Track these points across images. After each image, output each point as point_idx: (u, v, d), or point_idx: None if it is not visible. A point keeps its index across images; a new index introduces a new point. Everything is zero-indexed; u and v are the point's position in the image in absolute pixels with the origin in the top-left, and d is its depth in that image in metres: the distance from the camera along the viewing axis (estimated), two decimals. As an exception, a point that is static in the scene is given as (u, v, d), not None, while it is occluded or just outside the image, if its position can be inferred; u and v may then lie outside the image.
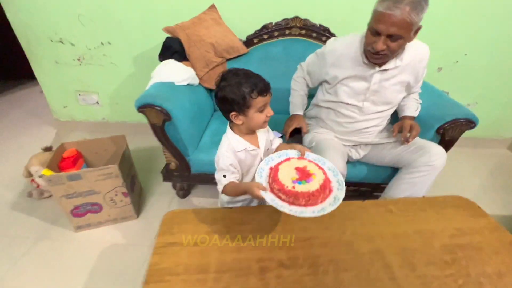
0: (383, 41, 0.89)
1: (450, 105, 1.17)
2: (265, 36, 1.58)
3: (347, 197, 0.73)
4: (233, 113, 0.78)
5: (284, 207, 0.65)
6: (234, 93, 0.74)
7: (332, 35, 1.53)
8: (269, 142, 0.92)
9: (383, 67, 1.01)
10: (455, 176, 1.71)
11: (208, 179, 1.31)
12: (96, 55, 1.80)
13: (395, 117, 1.20)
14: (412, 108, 1.15)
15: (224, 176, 0.81)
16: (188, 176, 1.34)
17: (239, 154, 0.83)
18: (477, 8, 1.52)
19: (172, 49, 1.38)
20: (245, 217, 0.86)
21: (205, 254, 0.74)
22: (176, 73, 1.28)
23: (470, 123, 1.07)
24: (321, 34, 1.53)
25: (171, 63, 1.31)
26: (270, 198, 0.67)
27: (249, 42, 1.59)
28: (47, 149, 1.42)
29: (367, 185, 1.30)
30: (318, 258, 0.74)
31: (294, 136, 1.27)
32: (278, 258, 0.73)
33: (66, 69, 1.86)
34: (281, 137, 1.14)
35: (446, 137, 1.11)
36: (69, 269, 1.11)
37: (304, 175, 0.72)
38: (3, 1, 1.62)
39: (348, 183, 1.02)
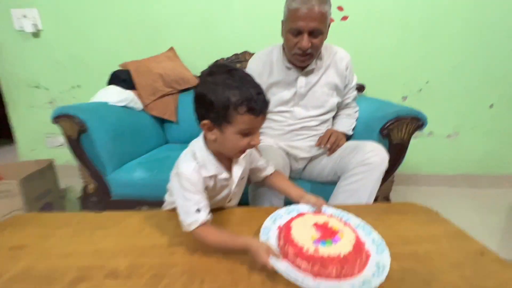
0: (307, 39, 0.87)
1: (395, 106, 1.03)
2: (218, 70, 1.63)
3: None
4: (205, 121, 0.56)
5: (308, 282, 0.43)
6: (215, 95, 0.53)
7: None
8: (247, 170, 0.71)
9: (306, 69, 0.99)
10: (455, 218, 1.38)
11: (132, 205, 1.12)
12: (66, 98, 1.89)
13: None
14: (344, 124, 1.08)
15: (198, 210, 0.55)
16: (108, 202, 1.15)
17: (207, 180, 0.60)
18: (433, 35, 1.55)
19: (119, 78, 1.42)
20: (109, 221, 0.65)
21: (15, 259, 0.52)
22: (112, 95, 1.28)
23: (416, 120, 0.91)
24: (270, 65, 1.56)
25: (110, 88, 1.33)
26: (284, 268, 0.46)
27: (203, 76, 1.64)
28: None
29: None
30: (172, 268, 0.50)
31: None
32: (113, 266, 0.50)
33: (39, 113, 1.94)
34: None
35: (394, 140, 0.93)
36: None
37: (327, 233, 0.52)
38: (-5, 54, 1.85)
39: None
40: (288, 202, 0.74)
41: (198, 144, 0.62)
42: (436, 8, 1.51)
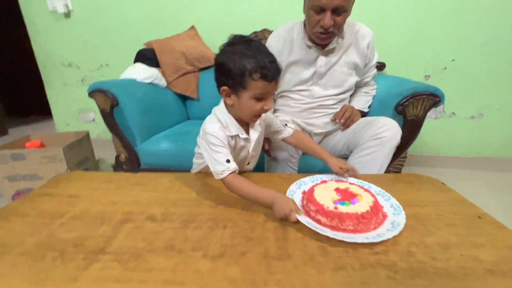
0: (330, 17, 0.85)
1: (411, 83, 1.03)
2: (237, 49, 1.66)
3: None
4: (224, 87, 0.63)
5: (326, 231, 0.50)
6: (233, 63, 0.59)
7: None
8: (263, 134, 0.78)
9: (326, 48, 0.98)
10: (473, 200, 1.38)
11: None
12: (96, 76, 2.02)
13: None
14: (360, 101, 1.08)
15: (228, 160, 0.62)
16: (137, 170, 1.27)
17: (229, 139, 0.68)
18: (460, 10, 1.47)
19: (145, 56, 1.50)
20: (144, 179, 0.76)
21: (73, 204, 0.64)
22: (139, 72, 1.37)
23: (433, 96, 0.91)
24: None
25: (137, 65, 1.41)
26: (305, 221, 0.52)
27: (222, 55, 1.68)
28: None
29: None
30: (199, 215, 0.59)
31: None
32: (151, 212, 0.60)
33: (72, 90, 2.10)
34: None
35: (408, 116, 0.95)
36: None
37: (346, 195, 0.58)
38: (32, 35, 1.99)
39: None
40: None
41: (220, 109, 0.69)
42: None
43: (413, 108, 0.93)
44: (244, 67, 0.58)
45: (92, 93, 1.16)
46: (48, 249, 0.49)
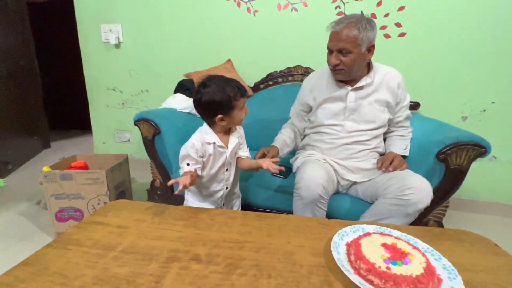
0: (335, 56, 1.00)
1: (454, 130, 1.01)
2: (270, 82, 1.74)
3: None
4: (219, 116, 0.84)
5: None
6: (219, 96, 0.81)
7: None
8: (238, 146, 0.97)
9: (356, 86, 1.06)
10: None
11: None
12: (135, 100, 2.18)
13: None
14: (398, 146, 1.09)
15: (188, 164, 0.86)
16: (170, 197, 1.32)
17: (209, 146, 0.88)
18: (499, 52, 1.46)
19: (184, 86, 1.61)
20: (186, 214, 0.79)
21: (122, 236, 0.67)
22: (179, 102, 1.46)
23: (479, 147, 0.89)
24: (322, 79, 1.62)
25: (177, 96, 1.51)
26: (358, 282, 0.51)
27: (256, 87, 1.76)
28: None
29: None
30: (242, 260, 0.59)
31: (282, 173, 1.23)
32: (196, 252, 0.62)
33: (112, 111, 2.27)
34: None
35: (451, 165, 0.92)
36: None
37: (397, 254, 0.56)
38: (85, 61, 2.21)
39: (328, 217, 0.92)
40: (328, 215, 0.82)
41: (204, 126, 0.91)
42: (505, 23, 1.41)
43: (456, 157, 0.91)
44: (229, 96, 0.81)
45: (137, 122, 1.25)
46: (105, 284, 0.51)
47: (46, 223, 1.40)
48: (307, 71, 1.65)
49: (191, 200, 0.99)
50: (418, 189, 0.85)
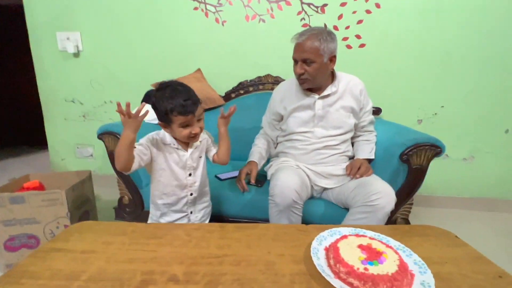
0: (300, 66, 1.05)
1: (413, 133, 1.10)
2: (241, 91, 1.75)
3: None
4: (160, 122, 0.85)
5: None
6: (159, 105, 0.80)
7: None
8: (203, 149, 0.96)
9: (322, 94, 1.12)
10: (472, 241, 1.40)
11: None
12: (98, 112, 2.04)
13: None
14: (365, 151, 1.15)
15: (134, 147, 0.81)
16: (140, 214, 1.24)
17: (166, 147, 0.87)
18: (447, 61, 1.63)
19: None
20: (159, 231, 0.74)
21: (88, 262, 0.61)
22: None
23: (435, 147, 0.97)
24: (291, 87, 1.67)
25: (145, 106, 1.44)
26: (339, 286, 0.52)
27: (227, 96, 1.76)
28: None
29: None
30: (223, 275, 0.57)
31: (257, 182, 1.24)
32: (172, 272, 0.58)
33: (72, 125, 2.09)
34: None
35: (413, 165, 0.99)
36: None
37: (372, 254, 0.58)
38: (38, 72, 2.02)
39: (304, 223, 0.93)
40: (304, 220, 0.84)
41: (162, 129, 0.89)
42: (451, 35, 1.59)
43: (417, 157, 0.98)
44: (166, 108, 0.79)
45: (101, 135, 1.16)
46: (68, 321, 0.45)
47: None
48: (276, 80, 1.69)
49: (154, 212, 0.96)
50: (383, 193, 0.91)
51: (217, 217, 1.18)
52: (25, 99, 2.94)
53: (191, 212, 0.95)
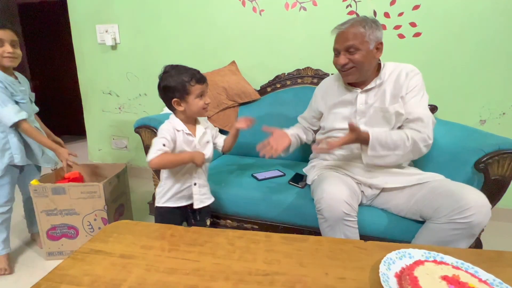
0: (343, 56, 0.96)
1: (490, 136, 0.92)
2: (278, 85, 1.64)
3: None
4: (175, 99, 0.87)
5: None
6: (175, 81, 0.85)
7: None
8: (209, 136, 0.99)
9: (365, 88, 1.01)
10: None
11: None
12: (133, 105, 2.06)
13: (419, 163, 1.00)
14: (379, 132, 0.92)
15: (164, 145, 0.85)
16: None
17: (178, 134, 0.90)
18: None
19: (187, 90, 1.50)
20: (200, 237, 0.68)
21: (127, 269, 0.56)
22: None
23: (522, 155, 0.80)
24: (333, 81, 1.53)
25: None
26: None
27: (262, 90, 1.66)
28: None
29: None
30: (276, 299, 0.49)
31: (295, 177, 1.20)
32: (217, 289, 0.51)
33: (108, 116, 2.15)
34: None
35: (492, 175, 0.83)
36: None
37: None
38: (79, 64, 2.09)
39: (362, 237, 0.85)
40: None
41: (171, 117, 0.94)
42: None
43: (498, 166, 0.82)
44: (183, 80, 0.85)
45: (138, 128, 1.14)
46: None
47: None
48: (317, 73, 1.57)
49: (165, 199, 0.96)
50: (478, 208, 0.74)
51: (257, 223, 1.12)
52: (67, 91, 3.10)
53: (195, 184, 0.95)
